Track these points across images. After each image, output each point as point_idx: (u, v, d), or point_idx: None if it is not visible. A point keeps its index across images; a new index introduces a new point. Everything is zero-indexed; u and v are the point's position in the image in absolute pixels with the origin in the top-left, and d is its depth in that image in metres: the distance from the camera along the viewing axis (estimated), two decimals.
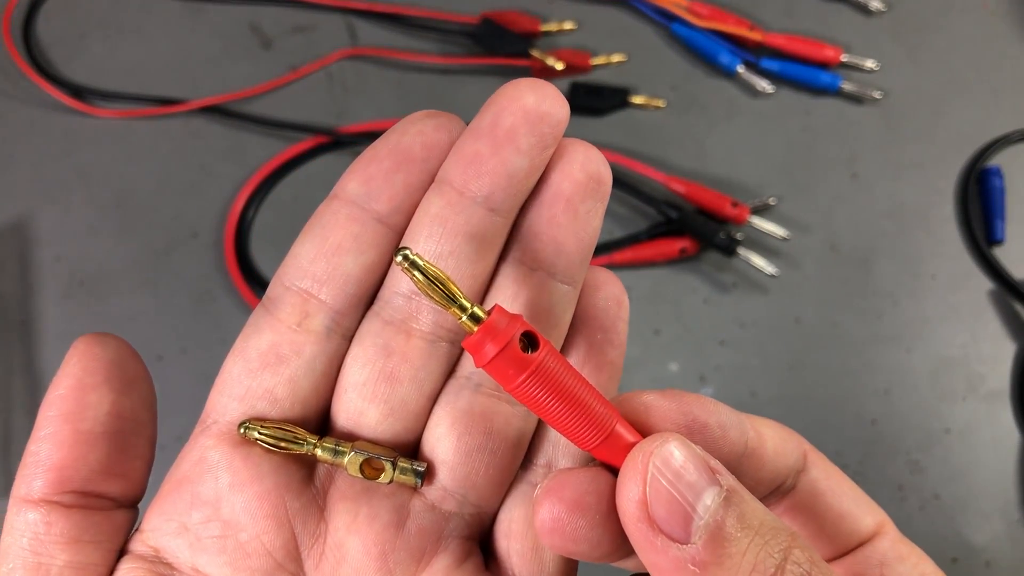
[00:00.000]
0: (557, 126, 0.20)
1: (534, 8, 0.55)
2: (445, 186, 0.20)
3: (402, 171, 0.20)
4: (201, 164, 0.52)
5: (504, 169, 0.20)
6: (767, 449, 0.21)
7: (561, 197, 0.20)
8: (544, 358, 0.18)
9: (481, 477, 0.22)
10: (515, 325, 0.18)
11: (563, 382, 0.18)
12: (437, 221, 0.20)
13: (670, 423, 0.19)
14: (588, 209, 0.21)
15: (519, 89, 0.20)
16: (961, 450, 0.46)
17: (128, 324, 0.48)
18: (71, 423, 0.20)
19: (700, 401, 0.20)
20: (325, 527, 0.21)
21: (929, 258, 0.50)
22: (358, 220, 0.21)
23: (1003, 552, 0.44)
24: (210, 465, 0.21)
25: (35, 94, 0.53)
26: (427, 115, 0.21)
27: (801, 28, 0.55)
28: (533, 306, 0.21)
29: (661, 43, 0.55)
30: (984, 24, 0.55)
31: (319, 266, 0.21)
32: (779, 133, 0.53)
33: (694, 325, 0.48)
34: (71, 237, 0.50)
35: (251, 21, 0.56)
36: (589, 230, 0.21)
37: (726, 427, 0.20)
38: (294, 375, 0.21)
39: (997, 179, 0.50)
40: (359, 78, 0.54)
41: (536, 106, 0.20)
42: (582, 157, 0.21)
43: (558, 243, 0.21)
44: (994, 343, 0.48)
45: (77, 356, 0.21)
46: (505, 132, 0.19)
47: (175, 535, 0.21)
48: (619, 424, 0.19)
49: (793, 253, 0.50)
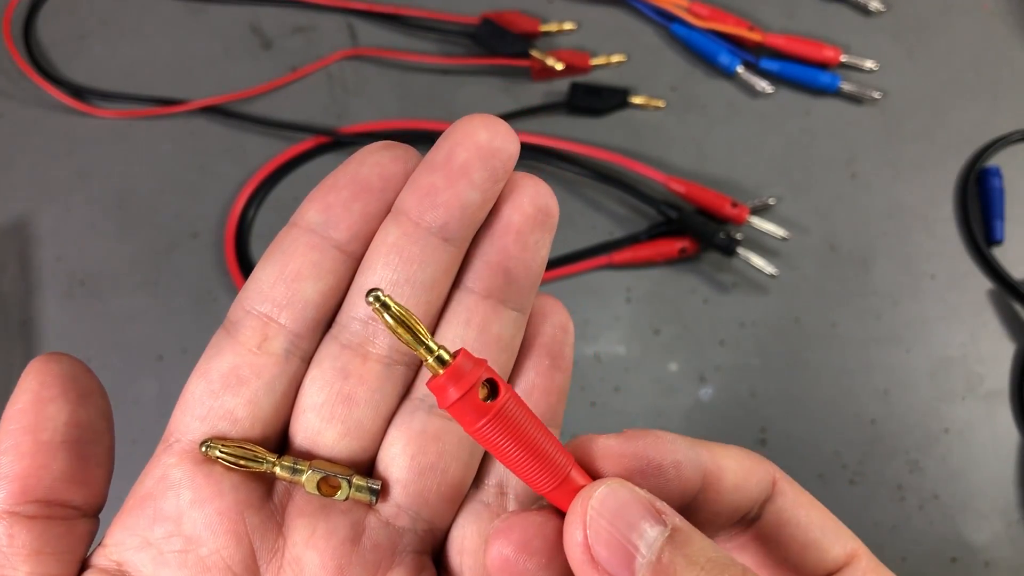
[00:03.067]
0: (508, 161, 0.21)
1: (534, 9, 0.55)
2: (402, 216, 0.21)
3: (360, 200, 0.21)
4: (201, 164, 0.52)
5: (458, 201, 0.21)
6: (726, 483, 0.21)
7: (512, 229, 0.22)
8: (503, 406, 0.19)
9: (433, 494, 0.22)
10: (478, 371, 0.19)
11: (521, 429, 0.19)
12: (394, 250, 0.21)
13: (623, 467, 0.20)
14: (537, 240, 0.22)
15: (473, 125, 0.21)
16: (960, 450, 0.46)
17: (128, 324, 0.49)
18: (31, 434, 0.21)
19: (656, 441, 0.20)
20: (283, 542, 0.22)
21: (928, 258, 0.50)
22: (317, 248, 0.22)
23: (1002, 552, 0.44)
24: (172, 482, 0.22)
25: (35, 94, 0.53)
26: (384, 146, 0.22)
27: (801, 28, 0.55)
28: (485, 331, 0.22)
29: (661, 43, 0.55)
30: (984, 24, 0.55)
31: (279, 291, 0.22)
32: (778, 133, 0.53)
33: (694, 325, 0.48)
34: (72, 237, 0.50)
35: (251, 21, 0.56)
36: (538, 259, 0.22)
37: (681, 465, 0.20)
38: (254, 396, 0.22)
39: (996, 179, 0.50)
40: (359, 78, 0.54)
41: (488, 142, 0.21)
42: (532, 191, 0.22)
43: (509, 272, 0.22)
44: (993, 343, 0.48)
45: (33, 372, 0.21)
46: (459, 166, 0.20)
47: (138, 550, 0.21)
48: (573, 470, 0.20)
49: (793, 253, 0.50)
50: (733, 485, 0.21)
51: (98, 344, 0.48)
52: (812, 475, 0.46)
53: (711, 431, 0.46)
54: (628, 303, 0.49)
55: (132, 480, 0.45)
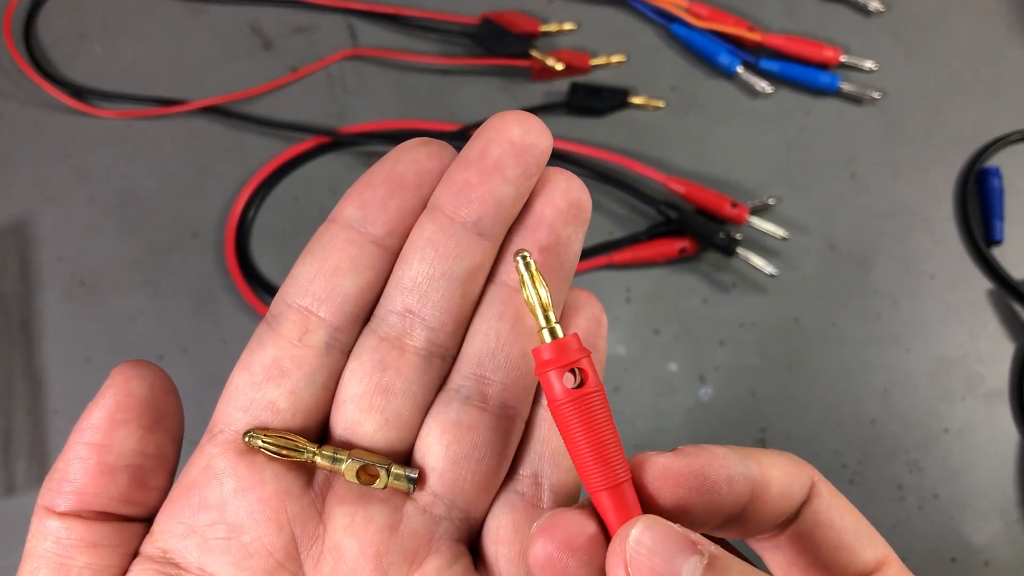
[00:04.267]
0: (541, 156, 0.21)
1: (534, 9, 0.55)
2: (437, 212, 0.22)
3: (396, 197, 0.22)
4: (202, 164, 0.52)
5: (492, 197, 0.21)
6: (772, 492, 0.21)
7: (544, 223, 0.22)
8: (586, 395, 0.20)
9: (468, 483, 0.23)
10: (579, 355, 0.20)
11: (596, 423, 0.20)
12: (430, 244, 0.22)
13: (679, 485, 0.20)
14: (570, 234, 0.22)
15: (506, 121, 0.21)
16: (960, 450, 0.46)
17: (129, 324, 0.49)
18: (98, 455, 0.22)
19: (710, 458, 0.21)
20: (323, 529, 0.23)
21: (928, 258, 0.50)
22: (355, 243, 0.22)
23: (1002, 552, 0.44)
24: (216, 472, 0.22)
25: (36, 94, 0.53)
26: (420, 143, 0.22)
27: (800, 29, 0.55)
28: (518, 324, 0.22)
29: (660, 44, 0.55)
30: (983, 25, 0.55)
31: (319, 285, 0.22)
32: (778, 133, 0.53)
33: (693, 325, 0.48)
34: (72, 237, 0.51)
35: (252, 22, 0.56)
36: (571, 253, 0.22)
37: (734, 480, 0.21)
38: (295, 387, 0.23)
39: (996, 179, 0.51)
40: (359, 78, 0.54)
41: (522, 138, 0.21)
42: (564, 185, 0.22)
43: (543, 266, 0.22)
44: (993, 343, 0.48)
45: (113, 389, 0.22)
46: (493, 162, 0.21)
47: (183, 537, 0.22)
48: (626, 484, 0.20)
49: (792, 253, 0.50)
50: (779, 493, 0.21)
51: (98, 344, 0.48)
52: None
53: (711, 431, 0.46)
54: (628, 303, 0.49)
55: None
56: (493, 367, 0.22)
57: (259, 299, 0.49)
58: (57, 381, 0.47)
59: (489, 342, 0.22)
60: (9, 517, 0.45)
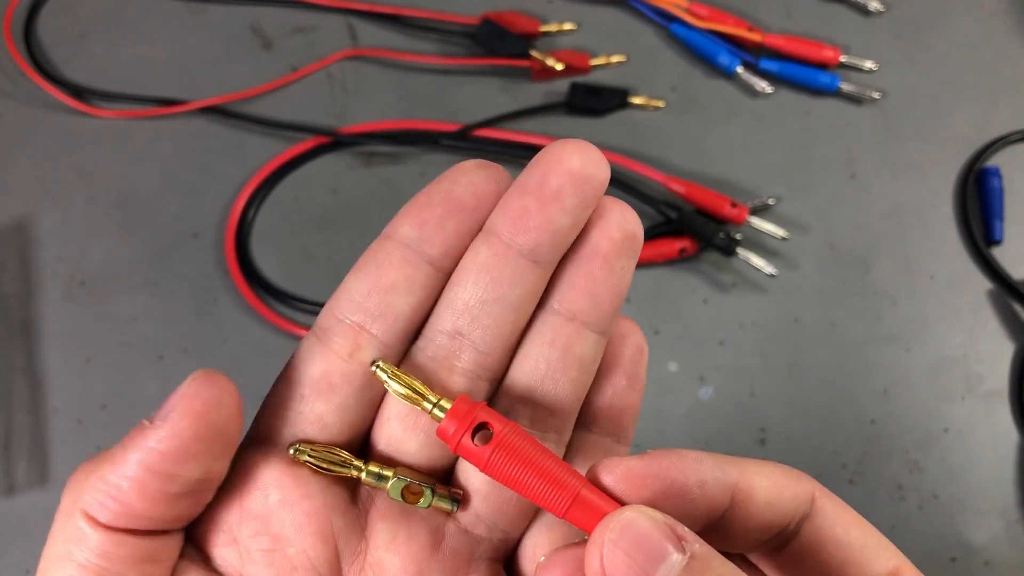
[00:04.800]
0: (599, 187, 0.21)
1: (534, 9, 0.56)
2: (493, 237, 0.22)
3: (454, 218, 0.22)
4: (202, 164, 0.52)
5: (549, 226, 0.21)
6: (757, 500, 0.21)
7: (599, 254, 0.22)
8: (500, 441, 0.20)
9: (511, 506, 0.23)
10: (473, 411, 0.21)
11: (524, 459, 0.20)
12: (484, 269, 0.22)
13: (648, 489, 0.20)
14: (623, 266, 0.22)
15: (567, 151, 0.21)
16: (960, 450, 0.46)
17: (129, 324, 0.49)
18: (162, 484, 0.20)
19: (679, 461, 0.20)
20: (366, 545, 0.23)
21: (928, 258, 0.50)
22: (411, 262, 0.22)
23: (1002, 551, 0.44)
24: (260, 482, 0.22)
25: (36, 94, 0.53)
26: (478, 165, 0.22)
27: (800, 29, 0.55)
28: (568, 352, 0.23)
29: (660, 44, 0.55)
30: (983, 25, 0.55)
31: (373, 302, 0.22)
32: (778, 134, 0.53)
33: (693, 325, 0.48)
34: (72, 237, 0.51)
35: (252, 22, 0.56)
36: (623, 284, 0.22)
37: (707, 485, 0.20)
38: (344, 403, 0.23)
39: (996, 179, 0.51)
40: (359, 79, 0.54)
41: (581, 168, 0.21)
42: (619, 217, 0.22)
43: (594, 296, 0.22)
44: (993, 343, 0.48)
45: (190, 416, 0.20)
46: (552, 192, 0.21)
47: (224, 545, 0.22)
48: (584, 490, 0.20)
49: (792, 253, 0.50)
50: (765, 502, 0.21)
51: (98, 344, 0.48)
52: (811, 475, 0.45)
53: (711, 431, 0.46)
54: (628, 303, 0.49)
55: None
56: (541, 392, 0.23)
57: (259, 299, 0.49)
58: (57, 381, 0.48)
59: (539, 367, 0.23)
60: (9, 517, 0.45)
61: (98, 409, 0.47)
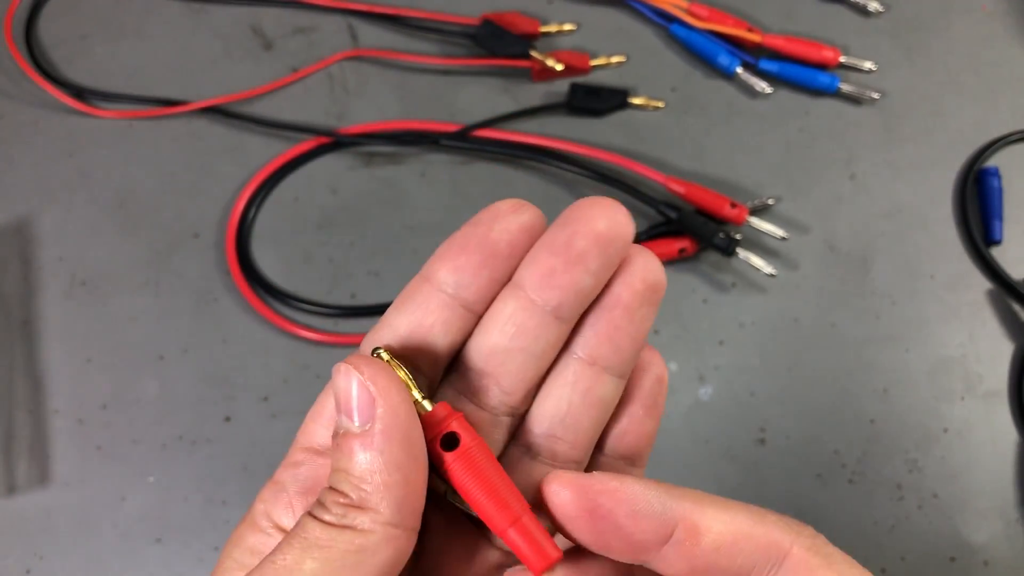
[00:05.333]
0: (624, 247, 0.22)
1: (534, 9, 0.56)
2: (520, 291, 0.23)
3: (488, 267, 0.23)
4: (202, 165, 0.52)
5: (574, 286, 0.22)
6: (702, 543, 0.20)
7: (621, 304, 0.23)
8: (463, 452, 0.21)
9: None
10: (448, 420, 0.22)
11: (479, 474, 0.21)
12: (511, 321, 0.23)
13: (572, 510, 0.21)
14: (644, 314, 0.23)
15: (594, 212, 0.22)
16: (959, 449, 0.46)
17: (129, 324, 0.49)
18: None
19: (615, 492, 0.21)
20: None
21: (927, 258, 0.50)
22: (449, 306, 0.23)
23: (1001, 551, 0.44)
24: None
25: (37, 95, 0.54)
26: (512, 210, 0.23)
27: (800, 29, 0.55)
28: (588, 395, 0.23)
29: (660, 44, 0.55)
30: (982, 25, 0.55)
31: (414, 341, 0.23)
32: (778, 134, 0.53)
33: (693, 325, 0.48)
34: (73, 237, 0.51)
35: (252, 22, 0.56)
36: (643, 331, 0.23)
37: (639, 515, 0.20)
38: None
39: (995, 180, 0.51)
40: (360, 79, 0.54)
41: (607, 231, 0.22)
42: (642, 267, 0.23)
43: (615, 343, 0.23)
44: (992, 343, 0.48)
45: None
46: (577, 254, 0.22)
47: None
48: (525, 517, 0.21)
49: (792, 253, 0.50)
50: (714, 546, 0.20)
51: (99, 344, 0.48)
52: (811, 474, 0.46)
53: (710, 431, 0.46)
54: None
55: (140, 479, 0.45)
56: (562, 430, 0.23)
57: (259, 299, 0.49)
58: (58, 380, 0.48)
59: (560, 407, 0.23)
60: (10, 517, 0.45)
61: (98, 409, 0.47)
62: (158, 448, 0.46)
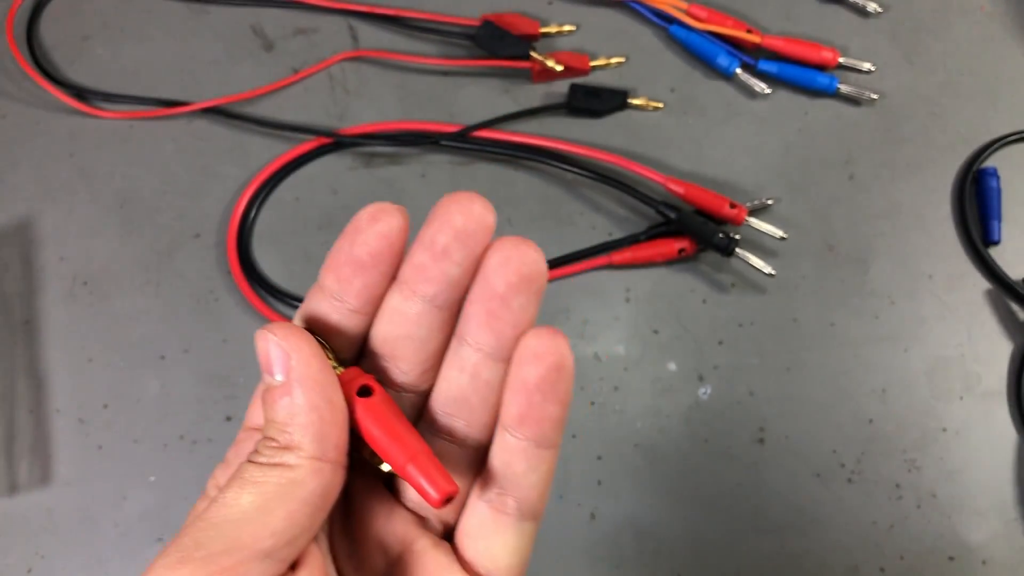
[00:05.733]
0: (484, 237, 0.24)
1: (534, 10, 0.56)
2: (402, 285, 0.25)
3: (359, 275, 0.25)
4: (203, 165, 0.52)
5: (443, 277, 0.24)
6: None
7: (496, 296, 0.24)
8: (368, 403, 0.24)
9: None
10: (360, 379, 0.24)
11: (386, 417, 0.23)
12: (396, 313, 0.25)
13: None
14: (521, 304, 0.24)
15: (451, 208, 0.24)
16: (958, 449, 0.46)
17: (130, 324, 0.49)
18: None
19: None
20: None
21: (926, 258, 0.50)
22: (338, 311, 0.25)
23: (1000, 551, 0.45)
24: None
25: (38, 96, 0.54)
26: (369, 220, 0.24)
27: (799, 30, 0.55)
28: (476, 378, 0.25)
29: (660, 45, 0.55)
30: (981, 26, 0.55)
31: (321, 331, 0.25)
32: (777, 134, 0.53)
33: (692, 325, 0.49)
34: (74, 237, 0.51)
35: (253, 23, 0.56)
36: (525, 319, 0.24)
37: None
38: None
39: (993, 180, 0.51)
40: (360, 80, 0.54)
41: (464, 226, 0.24)
42: (517, 260, 0.24)
43: (496, 332, 0.25)
44: (990, 343, 0.48)
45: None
46: (441, 249, 0.24)
47: None
48: (423, 456, 0.23)
49: (791, 253, 0.50)
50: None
51: (100, 344, 0.48)
52: (810, 474, 0.46)
53: (709, 430, 0.47)
54: (627, 303, 0.49)
55: (141, 478, 0.45)
56: (456, 409, 0.26)
57: (260, 299, 0.49)
58: (59, 380, 0.48)
59: (452, 390, 0.26)
60: (11, 516, 0.45)
61: (100, 408, 0.47)
62: (159, 448, 0.46)
